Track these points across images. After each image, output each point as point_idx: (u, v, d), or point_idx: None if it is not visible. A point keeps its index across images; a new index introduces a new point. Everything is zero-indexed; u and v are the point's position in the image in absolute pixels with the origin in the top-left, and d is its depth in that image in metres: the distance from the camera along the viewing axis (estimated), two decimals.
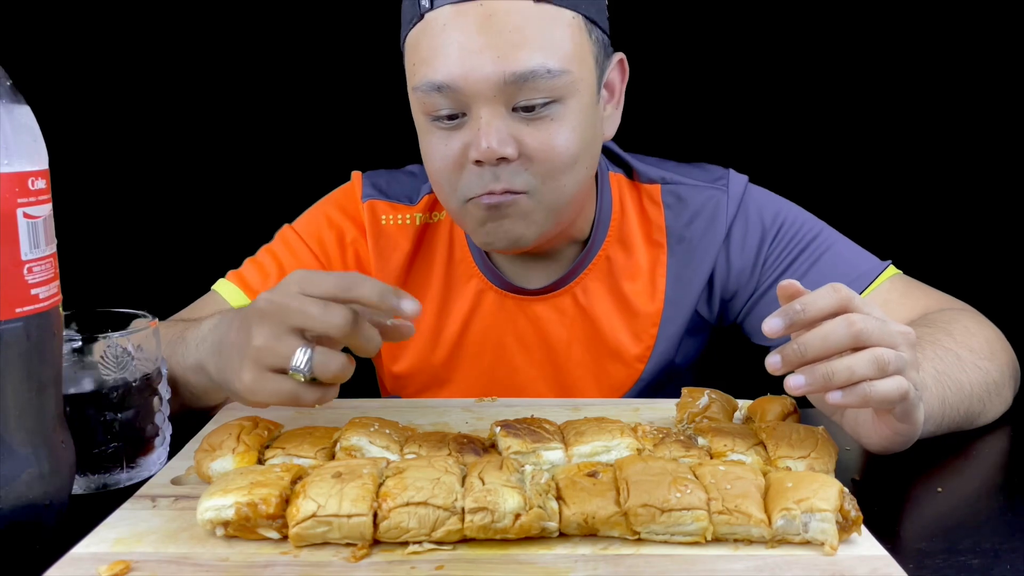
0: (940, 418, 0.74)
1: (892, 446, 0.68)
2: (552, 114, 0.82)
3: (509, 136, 0.81)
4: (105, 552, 0.55)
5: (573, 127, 0.83)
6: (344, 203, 1.01)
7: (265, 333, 0.64)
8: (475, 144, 0.81)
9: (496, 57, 0.79)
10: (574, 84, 0.83)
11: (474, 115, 0.82)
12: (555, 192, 0.85)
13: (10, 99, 0.55)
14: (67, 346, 0.66)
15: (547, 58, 0.80)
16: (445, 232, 1.00)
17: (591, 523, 0.56)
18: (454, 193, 0.86)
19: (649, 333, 0.98)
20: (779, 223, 0.97)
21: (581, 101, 0.84)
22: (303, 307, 0.63)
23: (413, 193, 1.00)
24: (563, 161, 0.84)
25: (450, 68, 0.80)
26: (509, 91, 0.80)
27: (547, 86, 0.81)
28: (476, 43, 0.79)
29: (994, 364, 0.82)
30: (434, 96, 0.82)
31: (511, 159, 0.82)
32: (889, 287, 0.92)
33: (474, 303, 0.99)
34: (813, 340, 0.61)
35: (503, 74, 0.79)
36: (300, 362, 0.63)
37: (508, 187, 0.83)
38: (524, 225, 0.86)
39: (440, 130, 0.84)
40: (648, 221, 0.99)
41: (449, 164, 0.84)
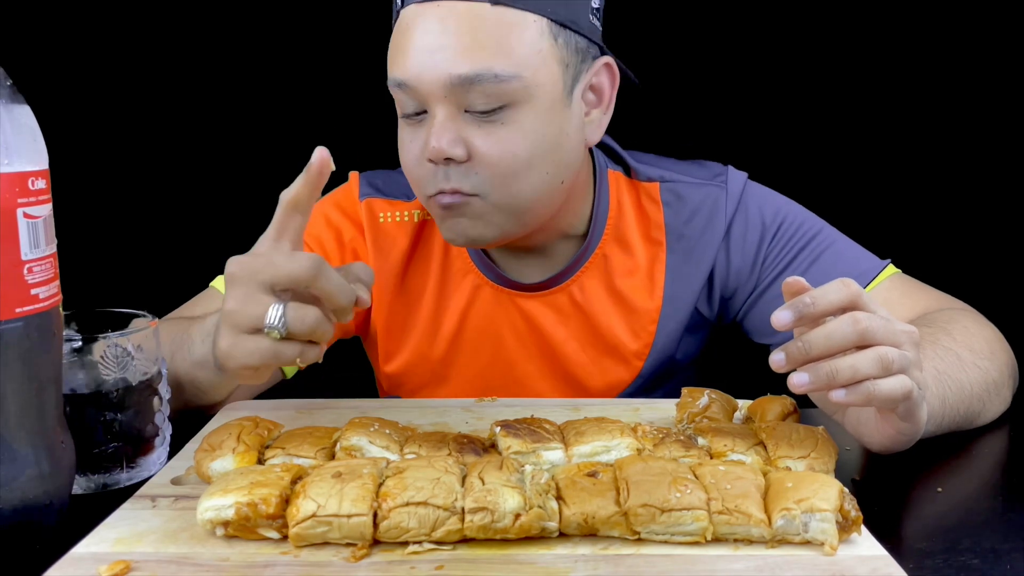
0: (940, 418, 0.75)
1: (895, 445, 0.68)
2: (503, 119, 0.82)
3: (459, 137, 0.82)
4: (105, 552, 0.55)
5: (526, 133, 0.83)
6: (342, 203, 1.02)
7: (237, 295, 0.64)
8: (426, 143, 0.83)
9: (445, 58, 0.80)
10: (527, 90, 0.82)
11: (431, 114, 0.83)
12: (508, 197, 0.85)
13: (10, 99, 0.55)
14: (67, 346, 0.66)
15: (495, 62, 0.80)
16: None
17: (591, 523, 0.56)
18: (420, 190, 0.88)
19: (648, 330, 0.98)
20: (779, 221, 0.97)
21: (538, 107, 0.83)
22: (268, 258, 0.64)
23: (410, 191, 1.00)
24: (513, 166, 0.83)
25: (408, 66, 0.82)
26: (458, 92, 0.81)
27: (495, 90, 0.80)
28: (431, 43, 0.81)
29: (993, 364, 0.82)
30: (398, 92, 0.84)
31: (460, 160, 0.82)
32: (888, 286, 0.92)
33: (470, 298, 0.99)
34: (817, 338, 0.61)
35: (449, 76, 0.80)
36: (273, 319, 0.63)
37: (456, 188, 0.83)
38: (481, 225, 0.86)
39: (409, 125, 0.86)
40: (647, 219, 0.98)
41: (413, 160, 0.86)
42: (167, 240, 1.64)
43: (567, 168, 0.88)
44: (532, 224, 0.89)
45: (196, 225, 1.63)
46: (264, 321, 0.63)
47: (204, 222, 1.62)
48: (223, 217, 1.59)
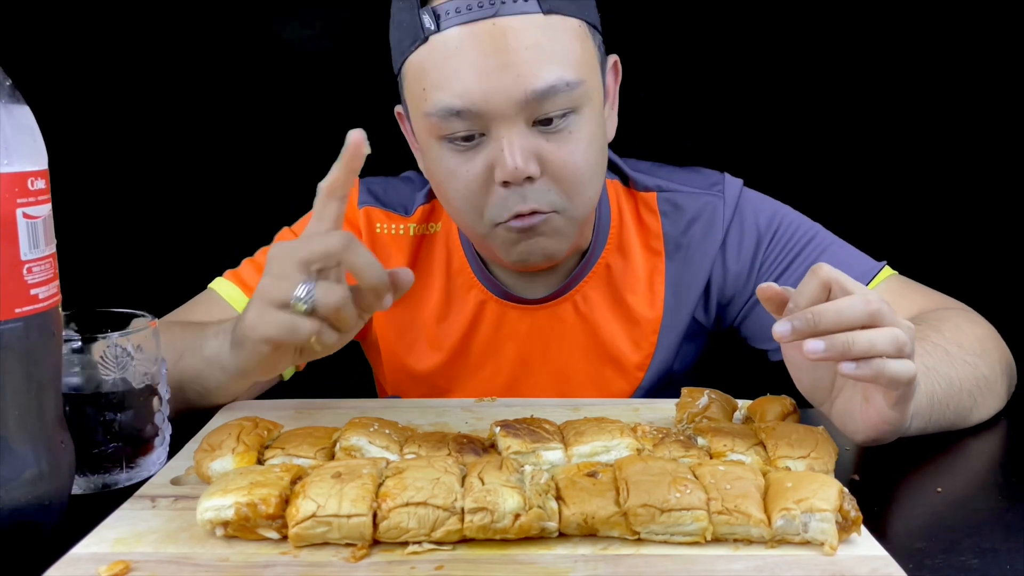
0: (928, 414, 0.74)
1: (879, 435, 0.68)
2: (570, 126, 0.82)
3: (531, 154, 0.81)
4: (105, 552, 0.55)
5: (590, 137, 0.84)
6: None
7: (274, 271, 0.64)
8: (500, 165, 0.81)
9: (516, 76, 0.78)
10: (587, 93, 0.83)
11: (494, 135, 0.81)
12: (582, 206, 0.86)
13: (10, 99, 0.55)
14: (67, 346, 0.66)
15: (564, 71, 0.80)
16: (441, 243, 0.99)
17: (591, 523, 0.56)
18: (480, 219, 0.85)
19: (649, 341, 0.98)
20: (774, 227, 0.97)
21: (594, 109, 0.84)
22: (305, 237, 0.64)
23: (409, 203, 1.00)
24: (585, 173, 0.84)
25: (469, 91, 0.79)
26: (530, 108, 0.80)
27: (566, 99, 0.81)
28: (493, 63, 0.78)
29: (984, 360, 0.81)
30: (451, 121, 0.81)
31: (536, 177, 0.82)
32: (885, 288, 0.92)
33: (475, 314, 0.98)
34: (827, 312, 0.61)
35: (524, 92, 0.79)
36: (302, 292, 0.63)
37: (536, 207, 0.83)
38: (557, 240, 0.86)
39: (457, 153, 0.83)
40: (646, 229, 0.98)
41: (474, 187, 0.83)
42: (167, 240, 1.64)
43: (605, 168, 0.90)
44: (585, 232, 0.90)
45: (196, 226, 1.63)
46: (292, 293, 0.63)
47: (204, 222, 1.62)
48: (223, 217, 1.59)
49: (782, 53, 1.55)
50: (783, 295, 0.66)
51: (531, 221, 0.83)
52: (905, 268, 0.96)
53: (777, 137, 1.58)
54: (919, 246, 1.45)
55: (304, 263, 0.63)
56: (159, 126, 1.61)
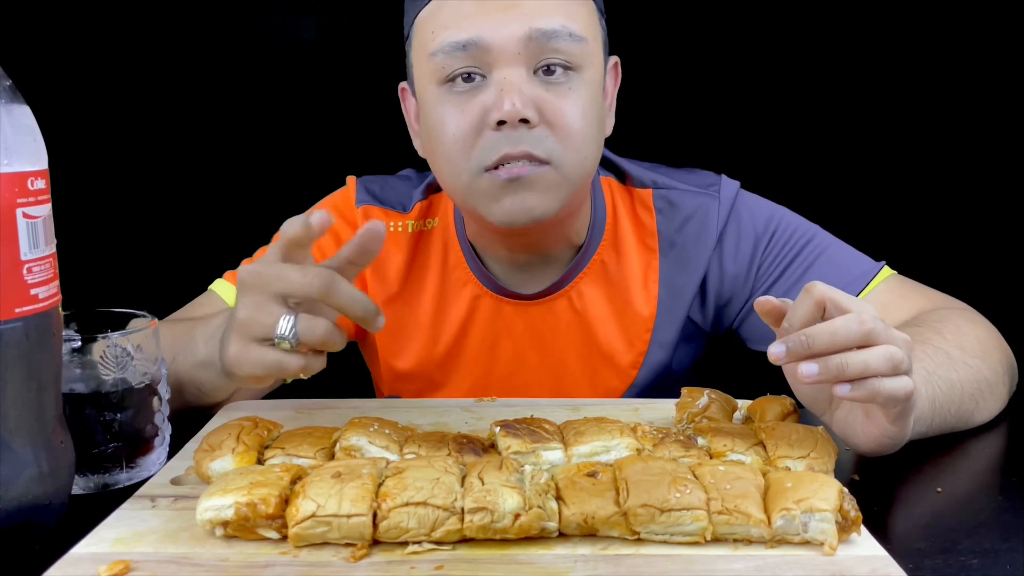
0: (930, 418, 0.74)
1: (881, 448, 0.68)
2: (570, 83, 0.83)
3: (530, 99, 0.82)
4: (105, 552, 0.55)
5: (588, 101, 0.85)
6: (340, 207, 1.01)
7: (248, 304, 0.64)
8: (497, 105, 0.81)
9: (522, 15, 0.81)
10: (590, 57, 0.84)
11: (495, 77, 0.82)
12: (576, 163, 0.84)
13: (10, 99, 0.55)
14: (67, 346, 0.66)
15: (569, 21, 0.82)
16: (439, 239, 1.00)
17: (591, 523, 0.56)
18: (468, 163, 0.84)
19: (642, 339, 0.98)
20: (772, 229, 0.97)
21: (594, 77, 0.86)
22: (281, 272, 0.63)
23: (406, 200, 1.00)
24: (583, 129, 0.84)
25: (477, 25, 0.81)
26: (533, 49, 0.81)
27: (568, 49, 0.82)
28: (501, 3, 0.81)
29: (986, 362, 0.81)
30: (455, 56, 0.82)
31: (533, 123, 0.82)
32: (885, 288, 0.92)
33: (470, 309, 0.99)
34: (821, 333, 0.61)
35: (529, 30, 0.81)
36: (284, 329, 0.63)
37: (528, 151, 0.81)
38: (548, 198, 0.84)
39: (455, 96, 0.84)
40: (641, 225, 0.98)
41: (465, 130, 0.83)
42: (167, 240, 1.64)
43: (601, 151, 0.90)
44: (573, 203, 0.89)
45: (196, 226, 1.63)
46: (275, 331, 0.63)
47: (204, 223, 1.62)
48: (223, 218, 1.59)
49: (780, 54, 1.55)
50: (782, 308, 0.66)
51: (519, 171, 0.82)
52: (904, 267, 0.96)
53: (775, 138, 1.58)
54: (918, 245, 1.45)
55: (281, 297, 0.63)
56: (159, 126, 1.61)
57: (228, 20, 1.57)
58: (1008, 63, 1.52)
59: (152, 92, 1.59)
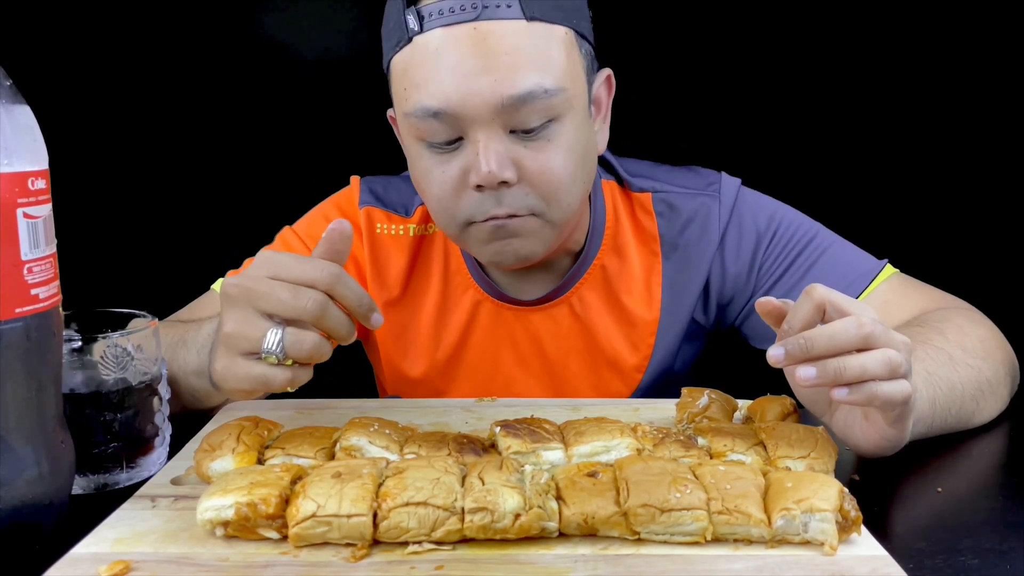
0: (931, 419, 0.74)
1: (879, 450, 0.68)
2: (549, 134, 0.81)
3: (508, 160, 0.80)
4: (105, 552, 0.55)
5: (570, 146, 0.83)
6: (343, 206, 1.01)
7: (235, 318, 0.64)
8: (475, 169, 0.80)
9: (493, 80, 0.78)
10: (568, 101, 0.82)
11: (471, 139, 0.80)
12: (559, 211, 0.85)
13: (10, 99, 0.55)
14: (67, 346, 0.66)
15: (543, 78, 0.79)
16: (440, 244, 0.99)
17: (591, 523, 0.56)
18: (453, 219, 0.85)
19: (647, 343, 0.98)
20: (774, 227, 0.97)
21: (576, 118, 0.83)
22: (272, 291, 0.63)
23: (409, 203, 1.00)
24: (563, 181, 0.83)
25: (446, 93, 0.78)
26: (507, 113, 0.79)
27: (544, 106, 0.80)
28: (471, 66, 0.78)
29: (988, 363, 0.81)
30: (429, 122, 0.80)
31: (511, 183, 0.81)
32: (887, 287, 0.92)
33: (471, 315, 0.98)
34: (820, 337, 0.61)
35: (501, 97, 0.78)
36: (271, 344, 0.63)
37: (511, 211, 0.82)
38: (532, 242, 0.85)
39: (435, 155, 0.83)
40: (642, 230, 0.98)
41: (448, 190, 0.83)
42: (167, 240, 1.64)
43: (592, 175, 0.89)
44: (566, 233, 0.89)
45: (197, 226, 1.63)
46: (261, 346, 0.63)
47: (205, 222, 1.62)
48: (224, 217, 1.59)
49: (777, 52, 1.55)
50: (782, 309, 0.66)
51: (504, 221, 0.83)
52: (906, 266, 0.96)
53: (773, 136, 1.58)
54: (920, 244, 1.45)
55: (268, 315, 0.63)
56: (159, 126, 1.61)
57: (228, 19, 1.57)
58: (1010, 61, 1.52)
59: (152, 91, 1.59)
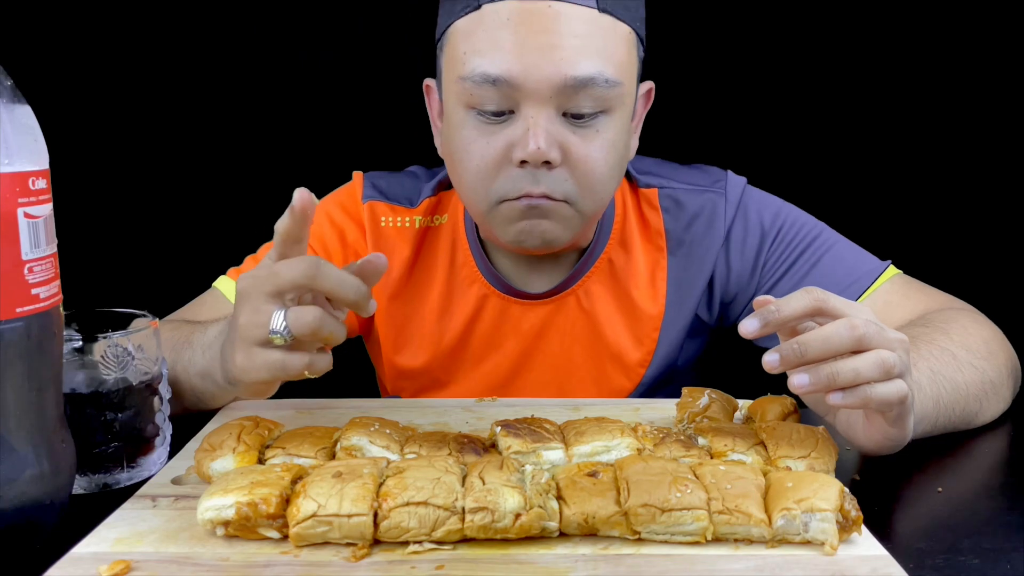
0: (935, 418, 0.75)
1: (881, 449, 0.68)
2: (599, 125, 0.82)
3: (556, 141, 0.81)
4: (105, 552, 0.55)
5: (614, 141, 0.84)
6: (346, 202, 1.01)
7: (246, 309, 0.65)
8: (522, 144, 0.81)
9: (559, 59, 0.79)
10: (622, 98, 0.83)
11: (523, 114, 0.81)
12: (593, 203, 0.86)
13: (10, 99, 0.55)
14: (67, 346, 0.66)
15: (606, 67, 0.81)
16: (447, 236, 0.99)
17: (591, 523, 0.56)
18: (488, 194, 0.85)
19: (651, 337, 0.98)
20: (778, 225, 0.97)
21: (624, 116, 0.85)
22: (272, 269, 0.64)
23: (414, 195, 1.00)
24: (602, 173, 0.84)
25: (510, 62, 0.79)
26: (565, 94, 0.80)
27: (600, 95, 0.81)
28: (540, 42, 0.79)
29: (991, 364, 0.81)
30: (485, 88, 0.81)
31: (555, 164, 0.82)
32: (890, 288, 0.92)
33: (476, 307, 0.99)
34: (814, 341, 0.61)
35: (564, 76, 0.79)
36: (277, 324, 0.63)
37: (547, 192, 0.82)
38: (560, 229, 0.86)
39: (481, 124, 0.83)
40: (648, 225, 0.99)
41: (489, 163, 0.83)
42: (167, 240, 1.64)
43: (621, 179, 0.90)
44: (588, 229, 0.90)
45: (197, 225, 1.63)
46: (269, 328, 0.64)
47: (205, 222, 1.62)
48: (224, 217, 1.59)
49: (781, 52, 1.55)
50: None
51: (538, 201, 0.83)
52: (909, 267, 0.96)
53: (778, 136, 1.58)
54: (924, 245, 1.45)
55: (274, 295, 0.64)
56: (160, 126, 1.61)
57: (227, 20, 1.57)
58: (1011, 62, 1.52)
59: (152, 90, 1.59)
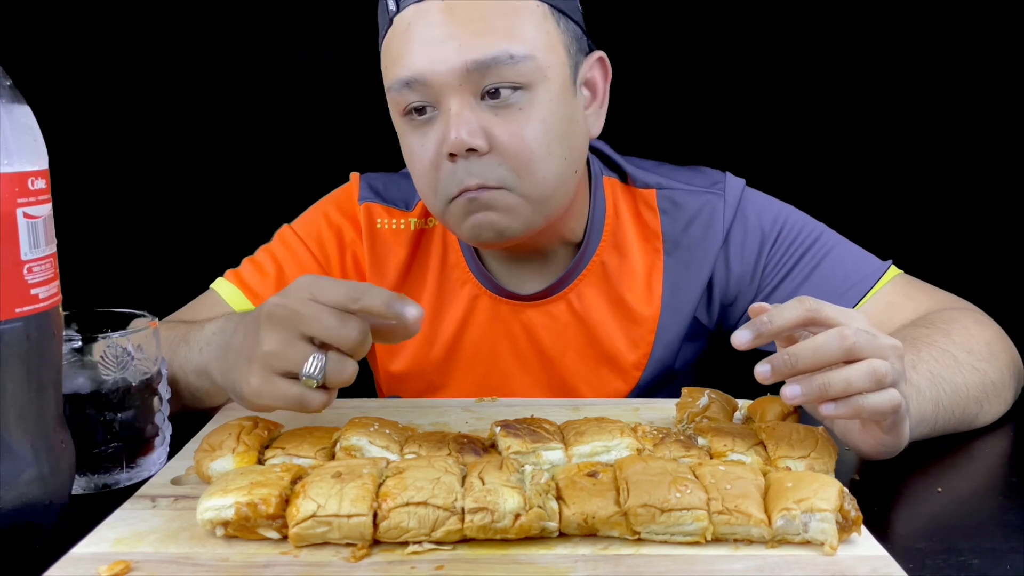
0: (934, 420, 0.74)
1: (878, 455, 0.68)
2: (520, 103, 0.82)
3: (479, 127, 0.81)
4: (105, 552, 0.55)
5: (543, 117, 0.83)
6: (343, 204, 1.01)
7: (276, 338, 0.64)
8: (445, 137, 0.81)
9: (458, 46, 0.80)
10: (541, 71, 0.82)
11: (443, 108, 0.82)
12: (534, 185, 0.84)
13: (10, 99, 0.55)
14: (67, 346, 0.66)
15: (509, 44, 0.80)
16: (439, 238, 0.99)
17: (591, 523, 0.56)
18: (435, 195, 0.86)
19: (646, 340, 0.97)
20: (778, 228, 0.96)
21: (551, 90, 0.83)
22: (319, 316, 0.63)
23: (409, 198, 1.00)
24: (535, 152, 0.83)
25: (416, 62, 0.81)
26: (474, 79, 0.80)
27: (512, 72, 0.81)
28: (438, 34, 0.80)
29: (993, 365, 0.81)
30: (405, 93, 0.83)
31: (482, 151, 0.81)
32: (892, 289, 0.92)
33: (468, 309, 0.98)
34: (804, 352, 0.62)
35: (465, 62, 0.79)
36: (313, 369, 0.63)
37: (482, 182, 0.82)
38: (509, 218, 0.85)
39: (416, 128, 0.84)
40: (644, 226, 0.98)
41: (427, 164, 0.84)
42: (167, 240, 1.64)
43: (579, 156, 0.89)
44: (552, 215, 0.88)
45: (196, 225, 1.63)
46: (302, 369, 0.64)
47: (204, 222, 1.62)
48: (223, 217, 1.59)
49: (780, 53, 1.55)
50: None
51: (476, 194, 0.83)
52: (911, 267, 0.95)
53: (777, 137, 1.58)
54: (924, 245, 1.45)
55: (310, 338, 0.64)
56: (159, 126, 1.61)
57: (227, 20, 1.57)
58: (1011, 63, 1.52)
59: (152, 92, 1.59)
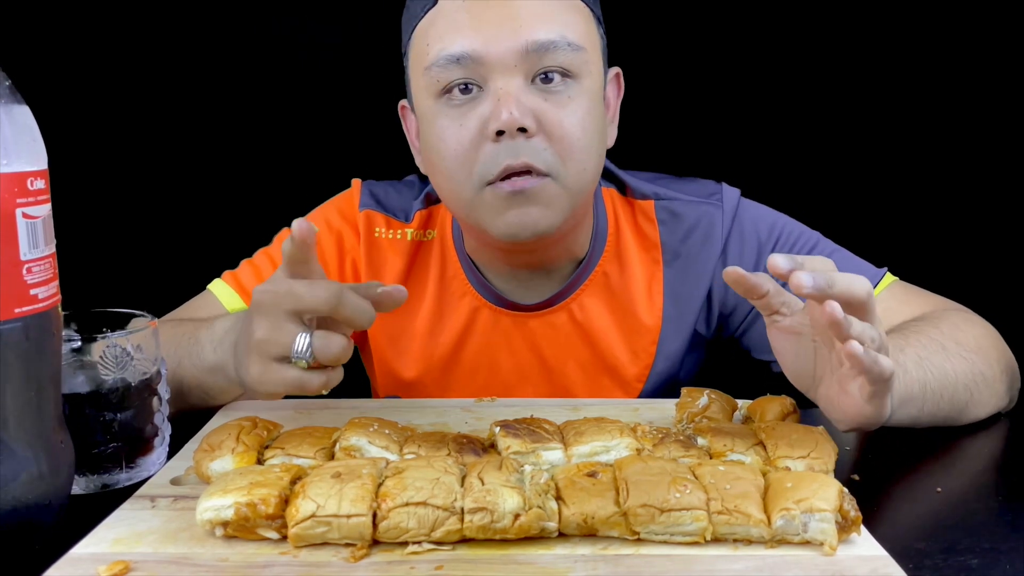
0: (921, 401, 0.75)
1: (858, 426, 0.67)
2: (569, 91, 0.83)
3: (528, 108, 0.81)
4: (104, 552, 0.55)
5: (588, 109, 0.84)
6: (344, 209, 1.01)
7: (265, 324, 0.66)
8: (495, 115, 0.80)
9: (518, 26, 0.80)
10: (588, 65, 0.84)
11: (491, 88, 0.81)
12: (575, 175, 0.84)
13: (10, 99, 0.55)
14: (66, 346, 0.66)
15: (567, 32, 0.82)
16: (437, 250, 0.99)
17: (590, 523, 0.56)
18: (470, 178, 0.83)
19: (648, 351, 0.97)
20: (775, 236, 0.96)
21: (593, 86, 0.85)
22: (291, 289, 0.65)
23: (409, 209, 1.00)
24: (580, 140, 0.83)
25: (471, 38, 0.81)
26: (530, 60, 0.81)
27: (566, 58, 0.82)
28: (497, 14, 0.81)
29: (981, 357, 0.81)
30: (451, 69, 0.82)
31: (531, 132, 0.81)
32: (888, 295, 0.92)
33: (468, 320, 0.98)
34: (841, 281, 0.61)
35: (525, 42, 0.80)
36: (300, 347, 0.65)
37: (528, 163, 0.81)
38: (551, 213, 0.83)
39: (453, 109, 0.83)
40: (644, 237, 0.98)
41: (464, 144, 0.83)
42: (167, 240, 1.64)
43: (603, 159, 0.90)
44: (577, 213, 0.88)
45: (195, 226, 1.63)
46: (291, 350, 0.65)
47: (203, 223, 1.62)
48: (222, 217, 1.59)
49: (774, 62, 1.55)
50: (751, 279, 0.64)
51: (523, 184, 0.81)
52: (906, 273, 0.96)
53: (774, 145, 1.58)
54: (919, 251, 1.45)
55: (294, 315, 0.65)
56: (159, 126, 1.61)
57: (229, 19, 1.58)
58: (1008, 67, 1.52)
59: (152, 92, 1.59)
